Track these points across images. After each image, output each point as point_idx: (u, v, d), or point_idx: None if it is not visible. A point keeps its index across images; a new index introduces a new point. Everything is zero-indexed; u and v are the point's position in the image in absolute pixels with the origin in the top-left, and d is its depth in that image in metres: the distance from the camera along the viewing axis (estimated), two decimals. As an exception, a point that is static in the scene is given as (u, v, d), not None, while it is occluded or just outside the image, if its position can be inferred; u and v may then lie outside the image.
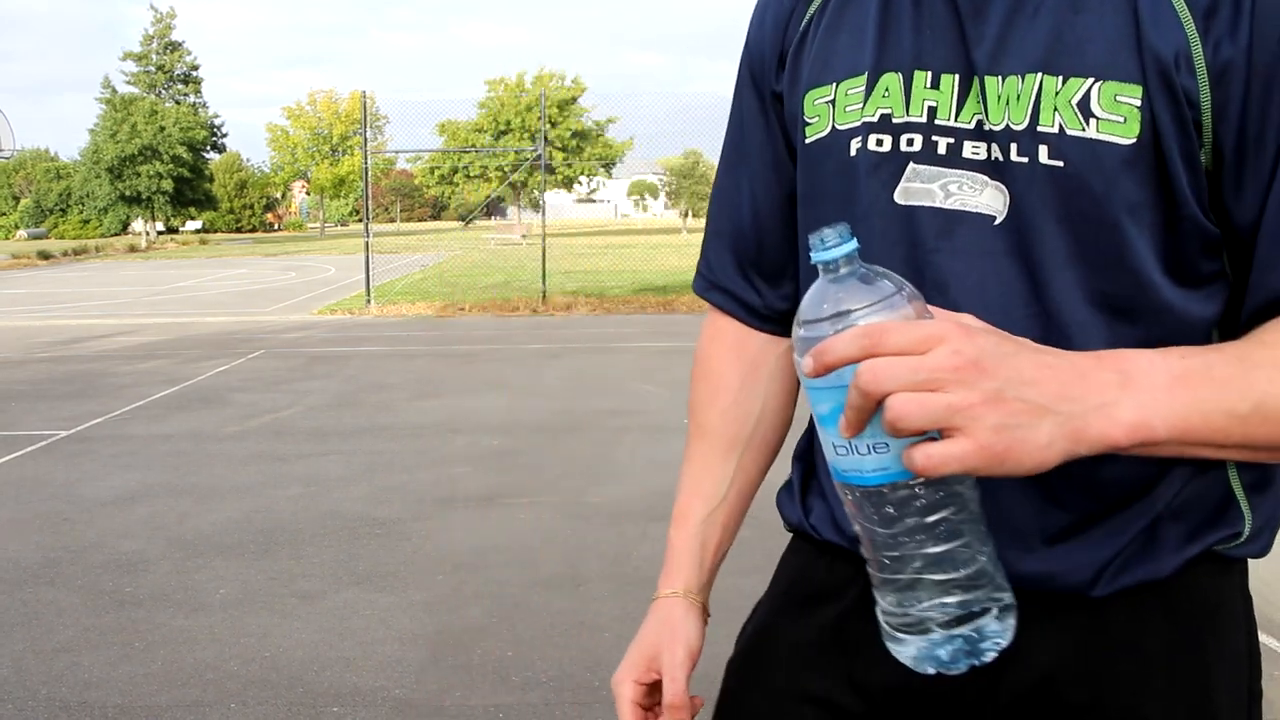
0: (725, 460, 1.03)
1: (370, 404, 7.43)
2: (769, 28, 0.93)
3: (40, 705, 2.92)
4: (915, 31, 0.80)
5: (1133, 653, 0.82)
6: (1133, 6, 0.72)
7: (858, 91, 0.82)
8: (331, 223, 69.82)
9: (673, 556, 1.01)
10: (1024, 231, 0.76)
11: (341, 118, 53.36)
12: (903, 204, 0.80)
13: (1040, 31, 0.75)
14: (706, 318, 1.07)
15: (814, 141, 0.86)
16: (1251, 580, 0.93)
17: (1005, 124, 0.76)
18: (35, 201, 59.04)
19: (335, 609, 3.61)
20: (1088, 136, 0.73)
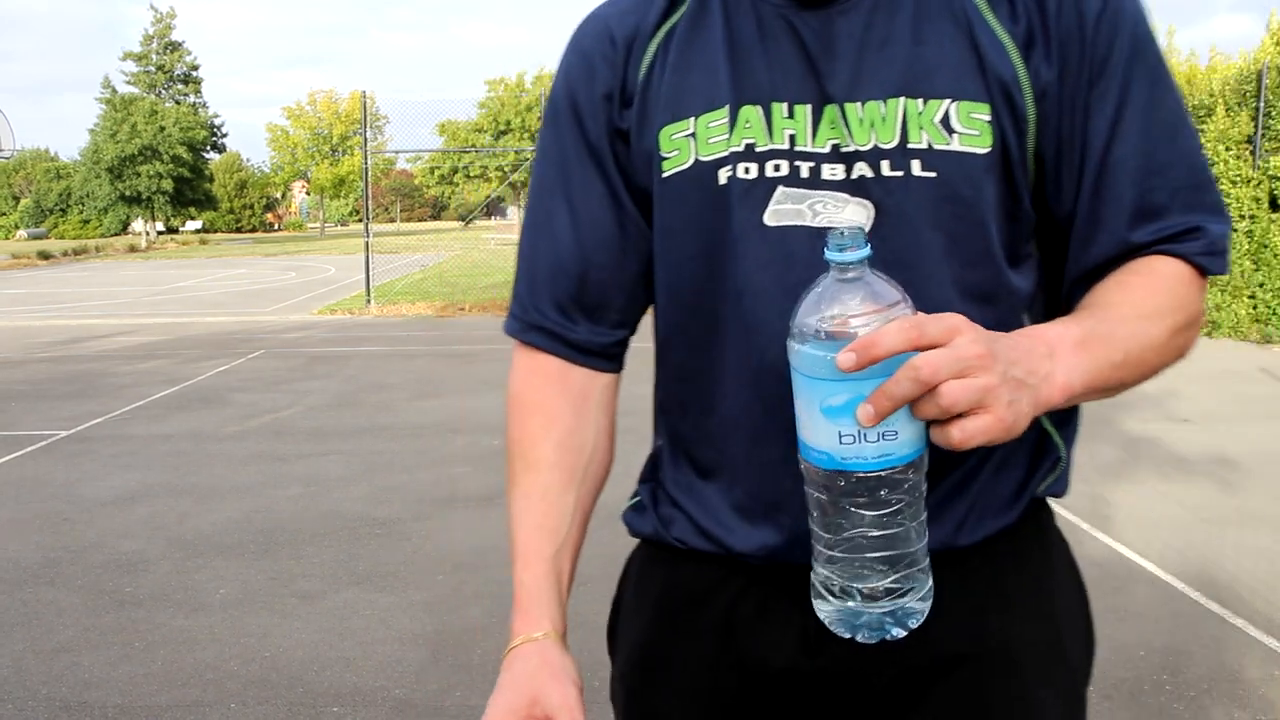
0: (565, 493, 1.00)
1: (370, 404, 7.43)
2: (600, 69, 0.95)
3: (40, 705, 2.92)
4: (767, 68, 0.88)
5: (997, 597, 0.92)
6: (970, 39, 0.85)
7: (720, 124, 0.89)
8: (331, 223, 69.82)
9: (531, 596, 0.96)
10: (894, 238, 0.84)
11: (341, 118, 53.37)
12: (773, 225, 0.87)
13: (892, 62, 0.85)
14: (519, 357, 1.03)
15: (674, 174, 0.91)
16: (1252, 580, 0.95)
17: (873, 144, 0.85)
18: (35, 201, 59.06)
19: (335, 609, 3.61)
20: (953, 149, 0.84)
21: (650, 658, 1.02)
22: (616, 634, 1.09)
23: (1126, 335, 0.82)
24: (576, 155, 0.97)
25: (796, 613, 0.89)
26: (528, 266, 1.02)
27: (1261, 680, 2.98)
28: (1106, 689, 2.94)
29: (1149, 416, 6.54)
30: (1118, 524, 4.41)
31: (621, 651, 1.06)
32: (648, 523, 1.03)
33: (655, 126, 0.92)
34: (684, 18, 0.93)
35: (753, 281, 0.87)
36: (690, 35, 0.92)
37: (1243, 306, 10.04)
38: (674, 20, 0.93)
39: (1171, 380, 7.81)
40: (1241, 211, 10.25)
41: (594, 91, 0.96)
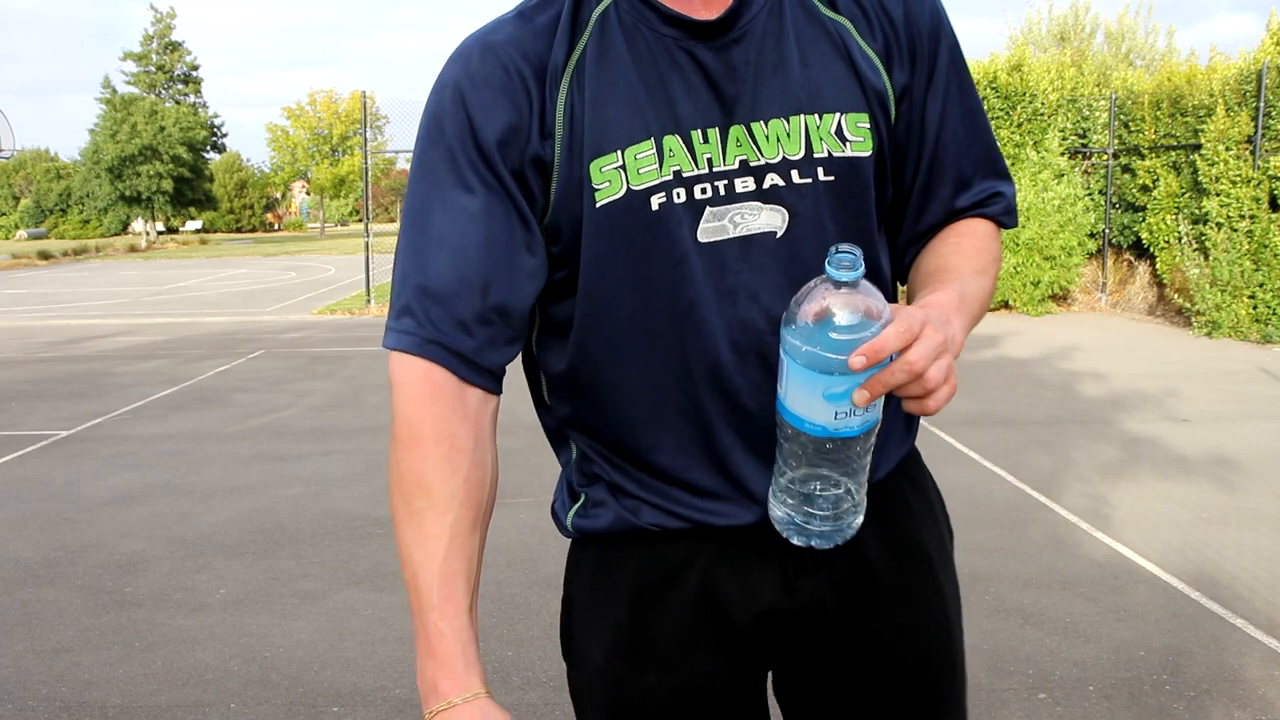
0: (473, 533, 0.99)
1: (370, 404, 7.43)
2: (506, 102, 0.99)
3: (40, 705, 2.92)
4: (680, 98, 0.98)
5: (905, 511, 1.13)
6: (847, 58, 1.01)
7: (648, 154, 0.97)
8: (331, 223, 69.79)
9: (454, 650, 0.95)
10: (805, 235, 1.00)
11: (341, 118, 53.33)
12: (705, 241, 0.99)
13: (788, 84, 0.99)
14: (409, 375, 0.98)
15: (607, 204, 0.98)
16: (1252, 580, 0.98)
17: (782, 157, 0.99)
18: (35, 201, 59.05)
19: (335, 609, 3.61)
20: (847, 155, 1.01)
21: (635, 639, 1.08)
22: (574, 633, 1.14)
23: (976, 290, 1.02)
24: (478, 177, 0.99)
25: (773, 559, 1.06)
26: (422, 283, 0.99)
27: (1261, 680, 2.98)
28: (1106, 689, 2.94)
29: (1149, 416, 6.54)
30: (1118, 524, 4.41)
31: (592, 644, 1.11)
32: (605, 518, 1.08)
33: (584, 159, 0.98)
34: (588, 50, 0.99)
35: (702, 294, 0.99)
36: (600, 68, 0.98)
37: (1243, 306, 10.03)
38: (579, 52, 0.99)
39: (1171, 380, 7.82)
40: (1241, 211, 10.25)
41: (499, 122, 0.98)
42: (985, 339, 10.30)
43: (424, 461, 0.97)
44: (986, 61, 12.98)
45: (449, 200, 0.99)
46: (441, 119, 1.00)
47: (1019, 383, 7.87)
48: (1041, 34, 18.32)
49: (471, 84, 0.99)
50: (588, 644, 1.12)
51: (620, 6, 1.00)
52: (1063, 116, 12.72)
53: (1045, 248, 12.05)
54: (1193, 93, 11.40)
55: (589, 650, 1.11)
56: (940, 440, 5.94)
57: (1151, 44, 18.03)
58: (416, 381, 0.98)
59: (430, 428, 0.97)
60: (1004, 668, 3.08)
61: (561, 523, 1.15)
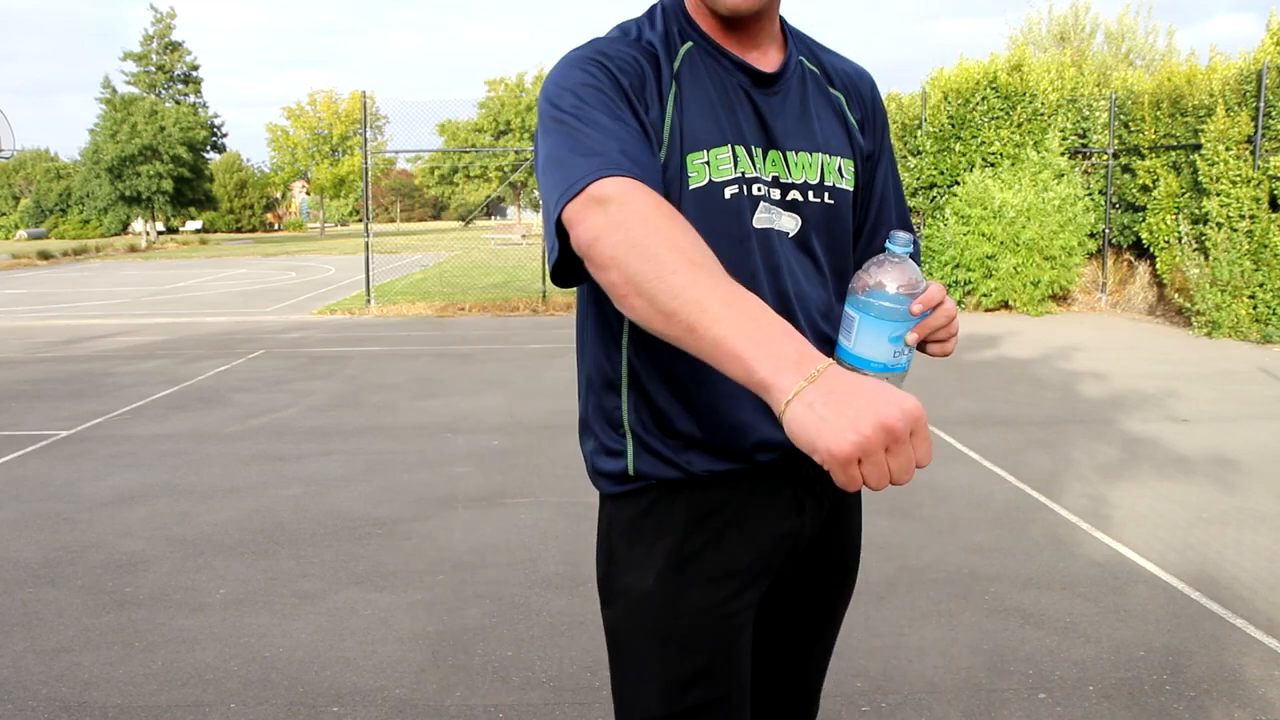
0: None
1: (370, 404, 7.43)
2: (649, 80, 1.27)
3: (40, 705, 2.92)
4: (745, 122, 1.31)
5: None
6: (842, 120, 1.41)
7: (725, 156, 1.28)
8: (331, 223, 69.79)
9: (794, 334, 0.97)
10: (810, 237, 1.35)
11: (341, 118, 53.32)
12: (758, 227, 1.31)
13: (810, 130, 1.36)
14: (624, 182, 1.09)
15: (696, 189, 1.27)
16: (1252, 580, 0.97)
17: (804, 180, 1.34)
18: (35, 201, 59.03)
19: (335, 609, 3.61)
20: (843, 187, 1.38)
21: (683, 561, 1.32)
22: (617, 574, 1.36)
23: None
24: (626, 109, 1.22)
25: (789, 487, 1.36)
26: (615, 143, 1.14)
27: (1261, 680, 2.98)
28: (1106, 689, 2.94)
29: (1149, 416, 6.54)
30: (1118, 524, 4.41)
31: (641, 573, 1.33)
32: (663, 469, 1.32)
33: (683, 151, 1.27)
34: (682, 70, 1.30)
35: (759, 266, 1.29)
36: (692, 87, 1.30)
37: (1243, 306, 10.03)
38: (676, 69, 1.30)
39: (1171, 380, 7.82)
40: (1241, 211, 10.25)
41: (644, 85, 1.26)
42: (985, 339, 10.30)
43: (686, 229, 1.06)
44: (986, 61, 12.98)
45: (608, 109, 1.19)
46: (581, 76, 1.22)
47: (1019, 383, 7.87)
48: (1041, 34, 18.32)
49: (609, 59, 1.25)
50: (635, 575, 1.33)
51: (700, 48, 1.32)
52: (1063, 116, 12.71)
53: (1045, 248, 12.05)
54: (1193, 93, 11.40)
55: (637, 580, 1.33)
56: (940, 440, 5.94)
57: (1151, 44, 18.03)
58: (643, 189, 1.10)
59: (669, 206, 1.10)
60: (1004, 668, 3.08)
61: (609, 470, 1.35)
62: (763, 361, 0.94)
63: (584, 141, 1.15)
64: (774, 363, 0.94)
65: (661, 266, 1.01)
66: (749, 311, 0.98)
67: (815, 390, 0.91)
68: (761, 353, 0.95)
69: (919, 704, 2.87)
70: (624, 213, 1.06)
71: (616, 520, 1.37)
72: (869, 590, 3.70)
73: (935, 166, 12.85)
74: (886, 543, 4.19)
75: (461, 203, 56.61)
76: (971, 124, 12.69)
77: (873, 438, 0.88)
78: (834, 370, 0.93)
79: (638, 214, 1.06)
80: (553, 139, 1.18)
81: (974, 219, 12.25)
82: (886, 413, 0.89)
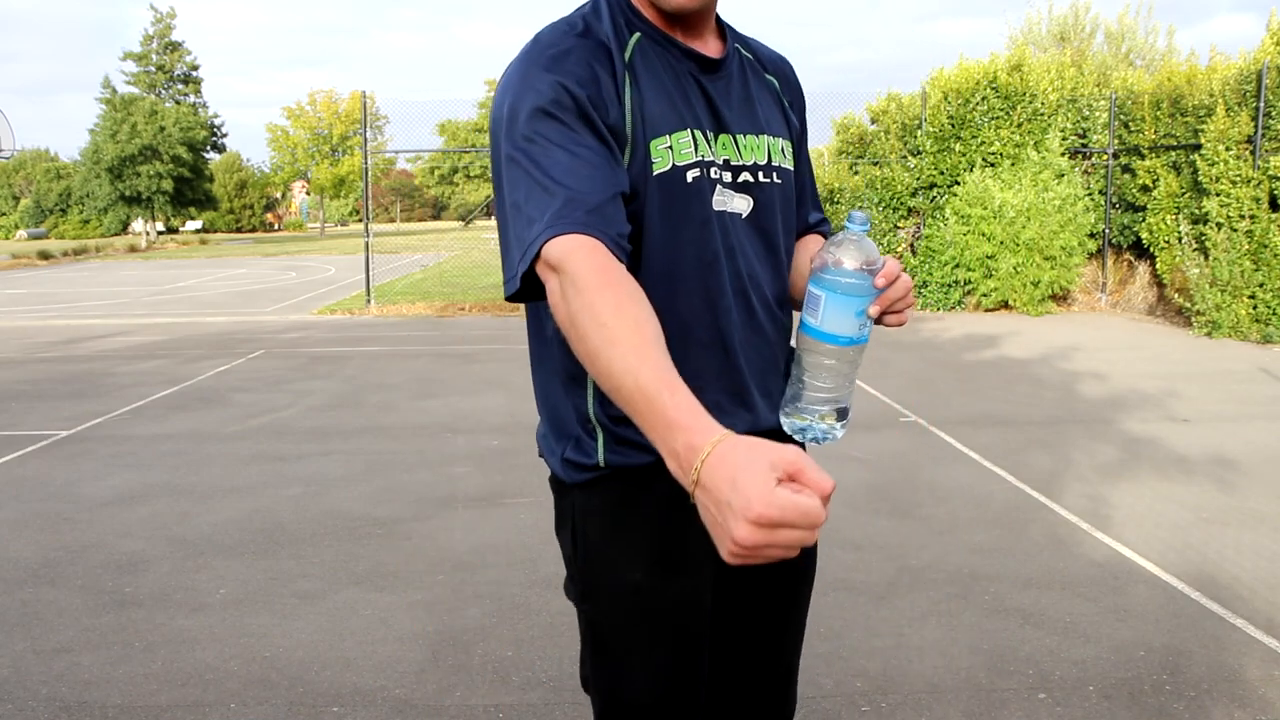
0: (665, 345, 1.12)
1: (370, 404, 7.43)
2: (603, 79, 1.27)
3: (40, 705, 2.92)
4: (698, 107, 1.35)
5: None
6: (779, 102, 1.49)
7: (686, 140, 1.32)
8: (331, 223, 69.78)
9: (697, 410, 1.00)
10: (762, 217, 1.40)
11: (341, 118, 53.32)
12: (716, 210, 1.35)
13: (754, 113, 1.42)
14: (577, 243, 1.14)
15: (660, 174, 1.30)
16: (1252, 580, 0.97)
17: (754, 161, 1.39)
18: (35, 201, 59.04)
19: (335, 609, 3.61)
20: (786, 167, 1.45)
21: (669, 550, 1.34)
22: (598, 565, 1.36)
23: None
24: (585, 129, 1.23)
25: None
26: (565, 191, 1.18)
27: (1261, 680, 2.98)
28: (1106, 689, 2.94)
29: (1149, 416, 6.54)
30: (1118, 524, 4.41)
31: (629, 566, 1.34)
32: (636, 456, 1.31)
33: (645, 138, 1.29)
34: (635, 60, 1.32)
35: (720, 247, 1.35)
36: (647, 75, 1.32)
37: (1243, 306, 10.03)
38: (629, 60, 1.32)
39: (1171, 380, 7.82)
40: (1241, 211, 10.25)
41: (603, 95, 1.26)
42: (985, 339, 10.30)
43: (618, 293, 1.11)
44: (986, 61, 12.98)
45: (564, 141, 1.21)
46: (535, 98, 1.23)
47: (1019, 383, 7.86)
48: (1041, 34, 18.32)
49: (562, 70, 1.25)
50: (622, 569, 1.35)
51: (649, 38, 1.34)
52: (1063, 116, 12.71)
53: (1045, 248, 12.05)
54: (1193, 93, 11.40)
55: (625, 574, 1.35)
56: (940, 440, 5.94)
57: (1151, 44, 18.03)
58: (589, 247, 1.14)
59: (617, 272, 1.14)
60: (1004, 668, 3.08)
61: (575, 461, 1.35)
62: (664, 455, 1.02)
63: (538, 192, 1.19)
64: (671, 462, 1.01)
65: (592, 347, 1.09)
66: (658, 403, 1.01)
67: (699, 496, 0.96)
68: (662, 449, 1.02)
69: (919, 704, 2.87)
70: (565, 283, 1.13)
71: (588, 510, 1.37)
72: (869, 590, 3.70)
73: (935, 166, 12.85)
74: (886, 543, 4.19)
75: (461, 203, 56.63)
76: (971, 124, 12.69)
77: (748, 539, 0.89)
78: (708, 468, 0.94)
79: (574, 285, 1.12)
80: (510, 181, 1.24)
81: (974, 219, 12.25)
82: (756, 511, 0.88)
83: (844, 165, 13.85)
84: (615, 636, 1.36)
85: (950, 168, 12.80)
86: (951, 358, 9.17)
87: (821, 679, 3.02)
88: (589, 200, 1.18)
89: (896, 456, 5.60)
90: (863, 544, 4.17)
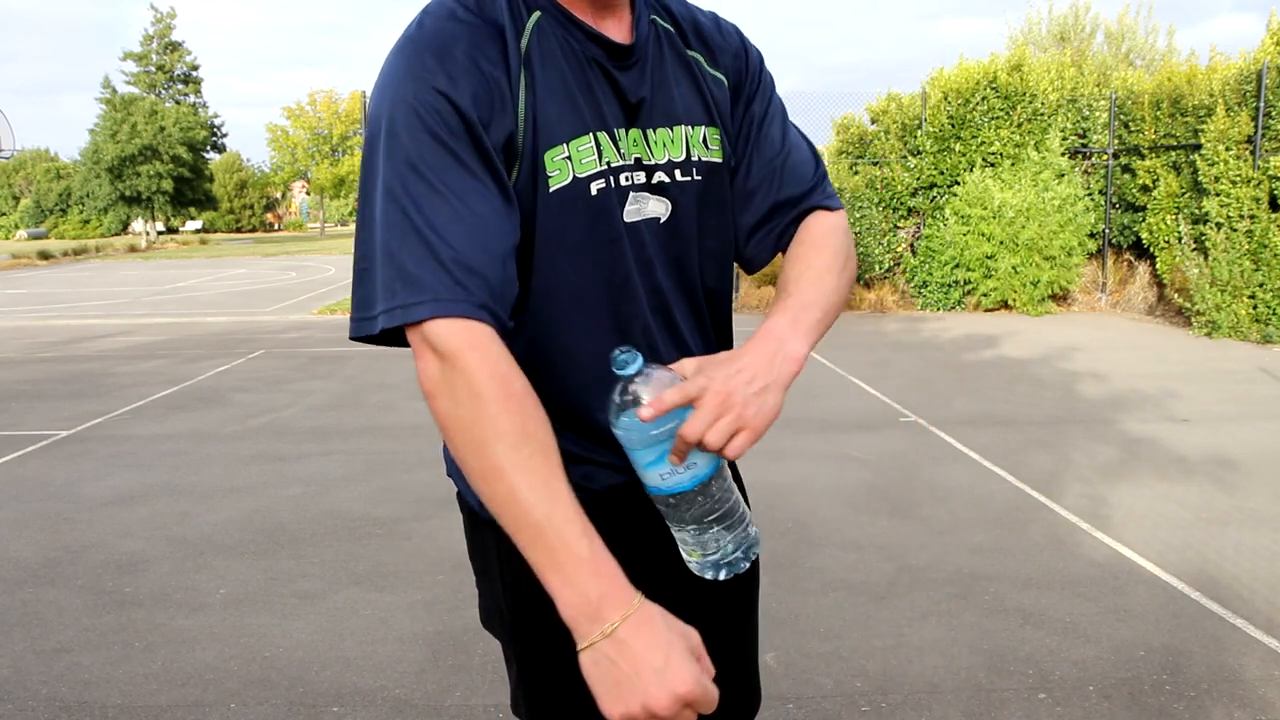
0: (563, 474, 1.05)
1: (370, 404, 7.43)
2: (494, 81, 1.09)
3: (40, 705, 2.92)
4: (605, 102, 1.16)
5: None
6: (698, 84, 1.25)
7: (588, 147, 1.14)
8: (331, 223, 69.78)
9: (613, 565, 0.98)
10: (683, 222, 1.22)
11: (341, 118, 53.30)
12: (629, 221, 1.18)
13: (669, 102, 1.21)
14: (475, 338, 1.02)
15: (559, 189, 1.12)
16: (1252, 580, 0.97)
17: (668, 158, 1.20)
18: (35, 201, 59.05)
19: (335, 609, 3.61)
20: (710, 160, 1.24)
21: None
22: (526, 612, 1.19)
23: (817, 295, 1.21)
24: (476, 161, 1.07)
25: None
26: (451, 255, 1.03)
27: (1261, 680, 2.98)
28: (1106, 689, 2.94)
29: (1149, 416, 6.54)
30: (1118, 524, 4.41)
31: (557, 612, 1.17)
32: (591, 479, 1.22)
33: (539, 149, 1.11)
34: (531, 51, 1.13)
35: (632, 265, 1.19)
36: (543, 70, 1.13)
37: (1243, 306, 10.03)
38: (524, 52, 1.12)
39: (1171, 380, 7.82)
40: (1241, 211, 10.25)
41: (492, 110, 1.08)
42: (985, 339, 10.30)
43: (524, 412, 1.01)
44: (986, 61, 12.98)
45: (452, 182, 1.05)
46: (421, 111, 1.05)
47: (1019, 383, 7.86)
48: (1041, 34, 18.31)
49: (446, 76, 1.06)
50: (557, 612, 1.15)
51: (551, 17, 1.15)
52: (1063, 116, 12.71)
53: (1045, 248, 12.05)
54: (1193, 93, 11.40)
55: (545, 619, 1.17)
56: (940, 440, 5.94)
57: (1151, 44, 18.02)
58: (486, 344, 1.02)
59: (520, 384, 1.03)
60: (1004, 668, 3.08)
61: None
62: (566, 595, 0.96)
63: (416, 243, 1.03)
64: (576, 603, 0.96)
65: (487, 464, 1.00)
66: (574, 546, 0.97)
67: (606, 648, 0.95)
68: (567, 590, 0.97)
69: (919, 704, 2.87)
70: (456, 381, 1.01)
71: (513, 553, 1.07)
72: (869, 590, 3.70)
73: (935, 166, 12.85)
74: (886, 543, 4.19)
75: (461, 203, 56.41)
76: (971, 124, 12.69)
77: (665, 710, 0.93)
78: (631, 629, 0.95)
79: (469, 389, 1.00)
80: (385, 214, 1.06)
81: (974, 219, 12.25)
82: (682, 691, 0.93)
83: (844, 165, 13.84)
84: (551, 678, 1.21)
85: (950, 168, 12.80)
86: (951, 358, 9.17)
87: (821, 679, 3.02)
88: (479, 269, 1.03)
89: (896, 456, 5.60)
90: (863, 544, 4.17)
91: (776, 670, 3.07)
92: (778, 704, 2.87)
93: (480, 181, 1.06)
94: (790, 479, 5.03)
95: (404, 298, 1.03)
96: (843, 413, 6.77)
